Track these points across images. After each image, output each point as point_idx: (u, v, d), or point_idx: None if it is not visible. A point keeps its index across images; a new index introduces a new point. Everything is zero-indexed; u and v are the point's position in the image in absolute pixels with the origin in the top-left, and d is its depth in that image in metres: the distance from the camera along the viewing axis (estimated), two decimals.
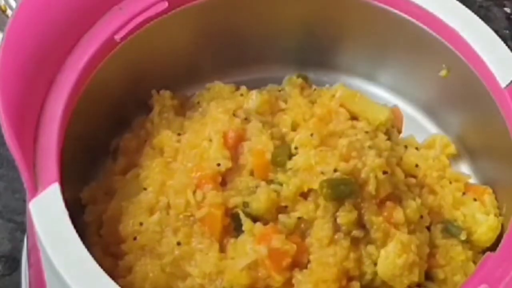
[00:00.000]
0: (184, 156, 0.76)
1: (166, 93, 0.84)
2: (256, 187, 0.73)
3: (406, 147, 0.84)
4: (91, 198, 0.79)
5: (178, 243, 0.72)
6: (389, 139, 0.83)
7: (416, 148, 0.84)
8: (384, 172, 0.73)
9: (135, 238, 0.73)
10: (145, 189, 0.76)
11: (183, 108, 0.85)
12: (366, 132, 0.79)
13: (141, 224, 0.73)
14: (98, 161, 0.82)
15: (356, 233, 0.72)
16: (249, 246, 0.70)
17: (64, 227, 0.63)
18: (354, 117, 0.84)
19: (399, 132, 0.88)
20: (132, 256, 0.73)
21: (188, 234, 0.72)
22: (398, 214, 0.73)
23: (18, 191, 0.69)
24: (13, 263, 0.86)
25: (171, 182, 0.74)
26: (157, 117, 0.82)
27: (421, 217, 0.76)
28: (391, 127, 0.86)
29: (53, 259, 0.61)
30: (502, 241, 0.69)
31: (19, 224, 0.88)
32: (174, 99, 0.84)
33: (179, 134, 0.79)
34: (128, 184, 0.78)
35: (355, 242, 0.72)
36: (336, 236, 0.71)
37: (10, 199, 0.91)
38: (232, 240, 0.72)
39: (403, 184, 0.78)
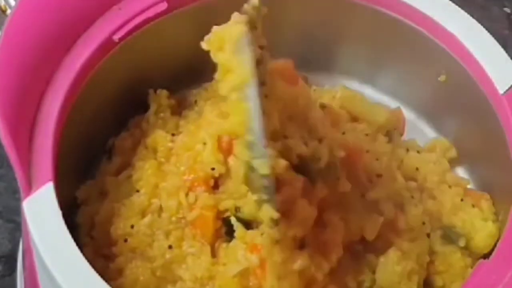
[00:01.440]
0: (178, 158, 0.76)
1: (163, 92, 0.83)
2: (248, 191, 0.72)
3: (407, 150, 0.84)
4: (86, 197, 0.78)
5: (170, 247, 0.71)
6: (390, 141, 0.83)
7: (418, 152, 0.84)
8: (378, 175, 0.73)
9: (125, 240, 0.73)
10: (137, 191, 0.75)
11: (180, 107, 0.84)
12: (366, 135, 0.79)
13: (132, 226, 0.73)
14: (96, 161, 0.82)
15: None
16: (241, 253, 0.69)
17: (57, 227, 0.62)
18: (354, 119, 0.84)
19: (401, 134, 0.88)
20: (123, 259, 0.72)
21: (179, 238, 0.72)
22: (400, 221, 0.73)
23: (18, 191, 0.69)
24: (13, 264, 0.86)
25: (163, 184, 0.74)
26: (153, 116, 0.82)
27: (423, 223, 0.76)
28: (393, 129, 0.86)
29: (45, 259, 0.61)
30: (496, 248, 0.69)
31: (19, 224, 0.88)
32: (171, 99, 0.84)
33: (173, 135, 0.79)
34: (120, 185, 0.78)
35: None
36: None
37: (10, 199, 0.91)
38: (224, 245, 0.72)
39: (405, 190, 0.77)
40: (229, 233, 0.72)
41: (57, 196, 0.64)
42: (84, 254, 0.62)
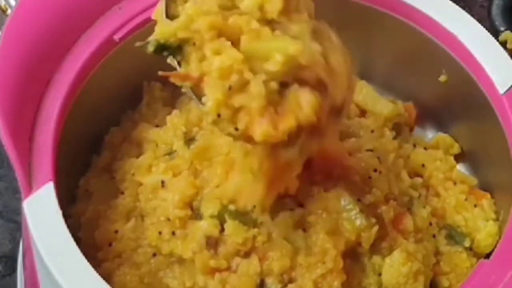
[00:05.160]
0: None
1: (157, 85, 0.83)
2: None
3: (414, 145, 0.83)
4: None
5: (154, 254, 0.70)
6: (398, 135, 0.83)
7: (425, 148, 0.83)
8: (375, 170, 0.73)
9: (110, 245, 0.71)
10: (122, 193, 0.75)
11: (174, 99, 0.83)
12: (372, 131, 0.79)
13: (116, 231, 0.71)
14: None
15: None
16: None
17: (57, 227, 0.62)
18: (362, 113, 0.84)
19: (411, 129, 0.88)
20: (109, 264, 0.70)
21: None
22: (408, 222, 0.73)
23: (19, 191, 0.69)
24: (14, 263, 0.86)
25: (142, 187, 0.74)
26: (145, 108, 0.82)
27: (430, 224, 0.76)
28: (404, 124, 0.86)
29: (45, 259, 0.61)
30: (496, 248, 0.69)
31: (20, 224, 0.88)
32: (164, 91, 0.83)
33: (157, 126, 0.79)
34: (104, 186, 0.77)
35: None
36: None
37: (11, 199, 0.91)
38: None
39: (411, 189, 0.77)
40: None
41: (57, 195, 0.64)
42: None
